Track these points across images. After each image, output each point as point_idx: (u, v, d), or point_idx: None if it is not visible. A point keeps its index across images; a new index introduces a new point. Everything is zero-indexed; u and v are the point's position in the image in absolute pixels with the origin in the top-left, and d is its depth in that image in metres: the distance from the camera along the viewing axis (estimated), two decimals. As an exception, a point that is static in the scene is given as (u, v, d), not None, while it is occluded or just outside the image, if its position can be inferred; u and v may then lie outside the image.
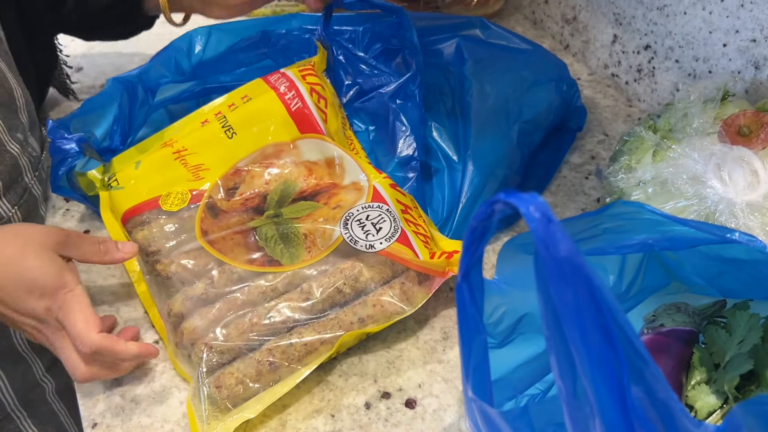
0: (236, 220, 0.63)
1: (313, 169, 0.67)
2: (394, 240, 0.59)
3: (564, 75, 0.81)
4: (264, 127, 0.69)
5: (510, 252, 0.50)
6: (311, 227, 0.61)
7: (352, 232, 0.60)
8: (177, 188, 0.65)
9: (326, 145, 0.68)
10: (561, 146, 0.84)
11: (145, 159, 0.68)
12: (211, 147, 0.68)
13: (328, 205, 0.63)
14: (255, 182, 0.66)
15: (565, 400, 0.32)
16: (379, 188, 0.64)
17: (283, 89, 0.71)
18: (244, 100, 0.71)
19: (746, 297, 0.53)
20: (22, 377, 0.66)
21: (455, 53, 0.76)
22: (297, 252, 0.60)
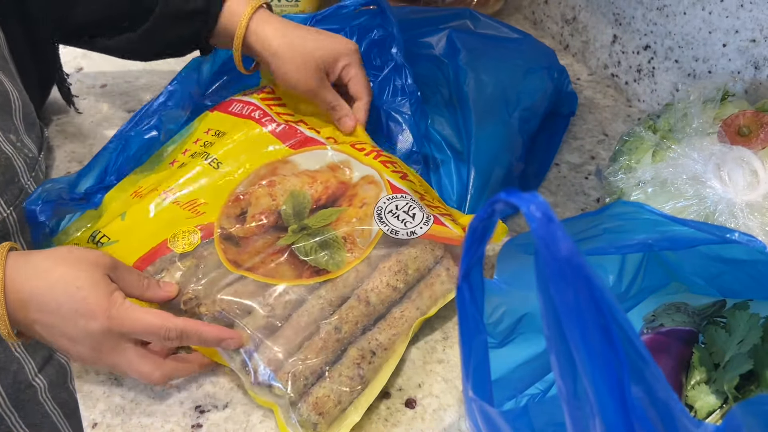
0: (262, 243, 0.60)
1: (317, 176, 0.65)
2: (431, 222, 0.60)
3: (554, 62, 0.82)
4: (251, 151, 0.67)
5: (510, 252, 0.50)
6: (348, 229, 0.60)
7: (389, 224, 0.60)
8: (181, 228, 0.61)
9: (322, 153, 0.67)
10: (556, 132, 0.85)
11: (131, 209, 0.64)
12: (199, 181, 0.65)
13: (354, 206, 0.62)
14: (261, 202, 0.63)
15: (565, 399, 0.32)
16: (392, 181, 0.64)
17: (258, 115, 0.70)
18: (217, 135, 0.69)
19: (746, 297, 0.53)
20: (14, 377, 0.66)
21: (447, 45, 0.76)
22: (340, 256, 0.59)
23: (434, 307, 0.60)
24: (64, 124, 0.88)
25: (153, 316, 0.52)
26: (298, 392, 0.53)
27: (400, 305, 0.59)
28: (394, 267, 0.59)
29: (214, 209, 0.63)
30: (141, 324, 0.51)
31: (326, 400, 0.52)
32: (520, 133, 0.75)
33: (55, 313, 0.51)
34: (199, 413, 0.55)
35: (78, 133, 0.86)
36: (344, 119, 0.71)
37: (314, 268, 0.58)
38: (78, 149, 0.83)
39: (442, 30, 0.77)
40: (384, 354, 0.56)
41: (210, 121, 0.71)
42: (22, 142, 0.68)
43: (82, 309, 0.51)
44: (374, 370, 0.55)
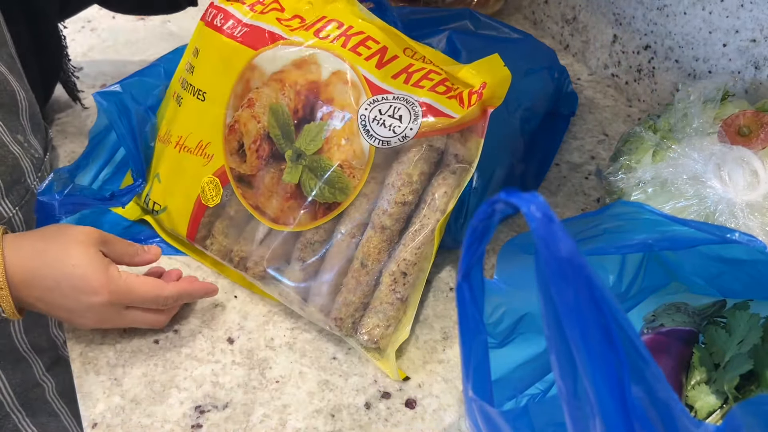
0: (270, 179, 0.62)
1: (284, 79, 0.62)
2: (420, 118, 0.56)
3: (555, 62, 0.82)
4: (222, 71, 0.65)
5: (510, 252, 0.50)
6: (341, 156, 0.58)
7: (378, 135, 0.57)
8: (203, 180, 0.65)
9: (283, 50, 0.62)
10: (556, 132, 0.85)
11: (161, 168, 0.68)
12: (196, 120, 0.66)
13: (335, 118, 0.59)
14: (250, 128, 0.63)
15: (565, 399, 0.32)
16: (368, 77, 0.59)
17: (218, 22, 0.66)
18: (195, 55, 0.68)
19: (746, 297, 0.53)
20: (22, 376, 0.66)
21: (448, 46, 0.76)
22: (344, 185, 0.59)
23: (452, 200, 0.58)
24: (65, 124, 0.88)
25: (150, 287, 0.57)
26: (349, 330, 0.58)
27: (418, 214, 0.58)
28: (396, 182, 0.57)
29: (218, 149, 0.65)
30: (140, 296, 0.56)
31: (377, 329, 0.58)
32: (520, 133, 0.75)
33: (56, 290, 0.54)
34: (199, 413, 0.55)
35: (79, 132, 0.86)
36: None
37: (324, 204, 0.60)
38: (78, 149, 0.83)
39: (442, 31, 0.77)
40: (414, 269, 0.58)
41: (194, 37, 0.69)
42: (29, 142, 0.68)
43: (82, 286, 0.54)
44: (410, 287, 0.58)
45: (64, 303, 0.54)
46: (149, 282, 0.57)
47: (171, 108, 0.69)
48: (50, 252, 0.54)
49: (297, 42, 0.63)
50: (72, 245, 0.55)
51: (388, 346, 0.58)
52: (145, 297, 0.57)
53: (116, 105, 0.69)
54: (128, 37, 1.06)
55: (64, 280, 0.53)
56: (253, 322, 0.62)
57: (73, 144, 0.84)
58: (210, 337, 0.61)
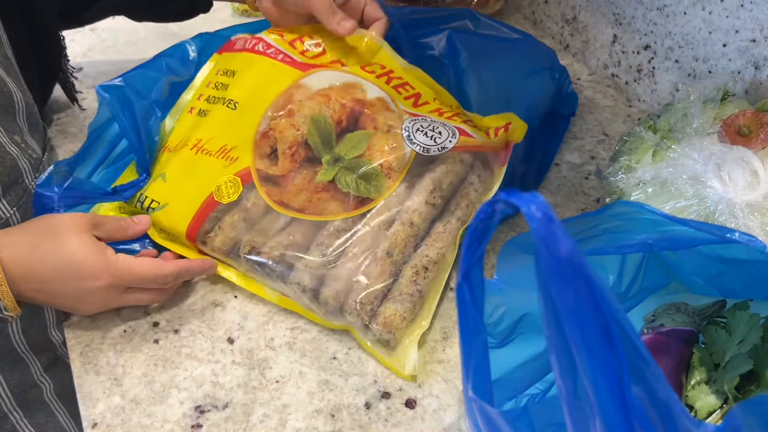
0: (301, 179, 0.63)
1: (330, 94, 0.67)
2: (458, 135, 0.64)
3: (555, 62, 0.82)
4: (264, 85, 0.69)
5: (510, 252, 0.50)
6: (382, 157, 0.63)
7: (420, 143, 0.63)
8: (221, 179, 0.64)
9: (333, 73, 0.69)
10: (556, 132, 0.85)
11: (168, 169, 0.67)
12: (222, 127, 0.68)
13: (380, 130, 0.65)
14: (287, 135, 0.65)
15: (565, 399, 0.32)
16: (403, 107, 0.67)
17: (261, 48, 0.72)
18: (229, 75, 0.71)
19: (746, 297, 0.53)
20: (20, 377, 0.66)
21: (448, 46, 0.76)
22: (380, 183, 0.62)
23: (473, 212, 0.64)
24: (65, 124, 0.88)
25: (149, 267, 0.58)
26: (368, 316, 0.58)
27: (442, 219, 0.63)
28: (428, 186, 0.62)
29: (246, 153, 0.65)
30: (140, 276, 0.57)
31: (393, 318, 0.57)
32: (521, 134, 0.75)
33: (56, 281, 0.54)
34: (199, 413, 0.55)
35: (79, 132, 0.86)
36: (343, 22, 0.71)
37: (358, 198, 0.62)
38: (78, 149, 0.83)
39: (442, 31, 0.77)
40: (435, 267, 0.60)
41: (220, 63, 0.74)
42: (26, 142, 0.68)
43: (82, 272, 0.55)
44: (430, 282, 0.60)
45: (66, 291, 0.55)
46: (147, 262, 0.58)
47: (188, 121, 0.71)
48: (45, 245, 0.54)
49: (345, 69, 0.70)
50: (65, 235, 0.55)
51: (403, 337, 0.58)
52: (144, 276, 0.57)
53: (119, 98, 0.69)
54: (128, 37, 1.06)
55: (64, 269, 0.54)
56: (253, 322, 0.62)
57: (72, 144, 0.84)
58: (210, 337, 0.61)
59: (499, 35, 0.80)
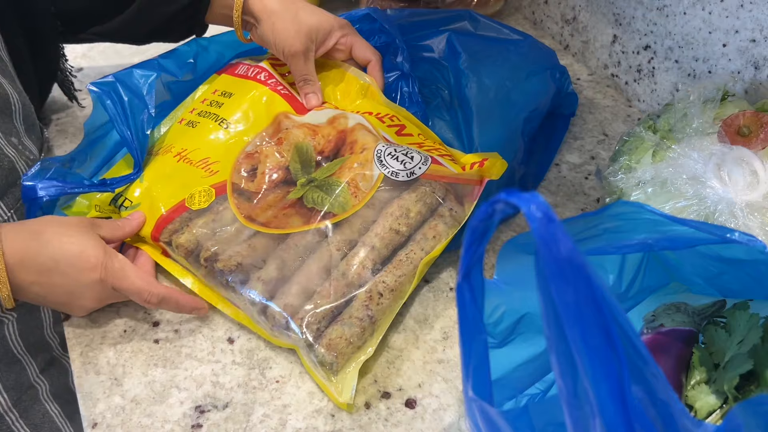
0: (273, 197, 0.64)
1: (317, 130, 0.69)
2: (429, 163, 0.63)
3: (555, 63, 0.82)
4: (258, 111, 0.71)
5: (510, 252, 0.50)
6: (351, 175, 0.63)
7: (389, 166, 0.63)
8: (197, 187, 0.65)
9: (325, 111, 0.71)
10: (556, 132, 0.85)
11: (148, 172, 0.68)
12: (209, 140, 0.69)
13: (355, 152, 0.65)
14: (270, 160, 0.67)
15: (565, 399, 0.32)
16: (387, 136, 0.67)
17: (262, 78, 0.74)
18: (225, 96, 0.73)
19: (746, 297, 0.53)
20: (16, 378, 0.66)
21: (447, 47, 0.76)
22: (345, 200, 0.62)
23: (438, 245, 0.61)
24: (65, 124, 0.88)
25: (141, 280, 0.58)
26: (313, 335, 0.56)
27: (405, 248, 0.61)
28: (396, 212, 0.61)
29: (226, 168, 0.66)
30: (128, 284, 0.57)
31: (339, 341, 0.55)
32: (522, 134, 0.75)
33: (54, 270, 0.54)
34: (199, 413, 0.55)
35: (78, 132, 0.86)
36: (311, 95, 0.73)
37: (320, 212, 0.62)
38: (78, 149, 0.83)
39: (441, 32, 0.77)
40: (391, 295, 0.58)
41: (218, 83, 0.75)
42: (23, 144, 0.68)
43: (80, 263, 0.55)
44: (382, 310, 0.58)
45: (63, 282, 0.55)
46: (142, 275, 0.58)
47: (178, 130, 0.72)
48: (47, 233, 0.55)
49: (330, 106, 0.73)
50: (68, 226, 0.57)
51: (347, 363, 0.56)
52: (132, 284, 0.57)
53: (110, 94, 0.69)
54: (128, 37, 1.06)
55: (63, 258, 0.54)
56: (253, 322, 0.62)
57: (72, 144, 0.84)
58: (210, 337, 0.61)
59: (498, 36, 0.80)
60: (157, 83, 0.73)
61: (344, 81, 0.76)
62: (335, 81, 0.76)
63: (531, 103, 0.76)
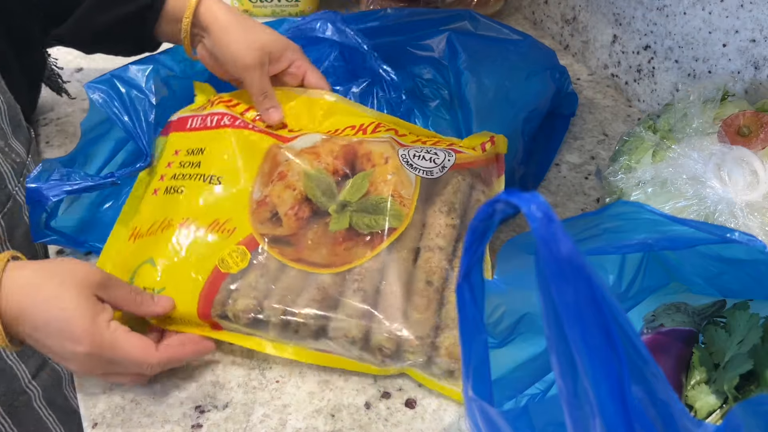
0: (314, 234, 0.60)
1: (318, 151, 0.65)
2: (453, 154, 0.64)
3: (555, 63, 0.82)
4: (244, 155, 0.65)
5: (510, 252, 0.50)
6: (389, 187, 0.61)
7: (421, 167, 0.62)
8: (224, 251, 0.59)
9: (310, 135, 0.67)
10: (556, 132, 0.86)
11: (155, 253, 0.60)
12: (208, 201, 0.62)
13: (377, 164, 0.63)
14: (285, 198, 0.62)
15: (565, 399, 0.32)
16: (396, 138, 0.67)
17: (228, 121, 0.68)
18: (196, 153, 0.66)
19: (746, 297, 0.53)
20: (8, 385, 0.65)
21: (447, 47, 0.77)
22: (397, 212, 0.60)
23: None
24: (64, 124, 0.88)
25: (136, 350, 0.52)
26: (428, 351, 0.55)
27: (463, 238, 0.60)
28: (443, 208, 0.61)
29: (242, 222, 0.61)
30: (123, 355, 0.51)
31: (455, 347, 0.55)
32: (522, 135, 0.75)
33: (43, 330, 0.50)
34: (199, 413, 0.55)
35: (77, 132, 0.86)
36: (272, 110, 0.69)
37: (382, 232, 0.59)
38: (78, 149, 0.83)
39: (441, 32, 0.77)
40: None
41: (175, 144, 0.68)
42: (9, 146, 0.66)
43: (66, 331, 0.50)
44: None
45: (49, 344, 0.51)
46: (138, 343, 0.53)
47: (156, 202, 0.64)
48: (44, 290, 0.51)
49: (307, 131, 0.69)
50: (67, 285, 0.51)
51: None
52: (126, 357, 0.52)
53: (108, 92, 0.69)
54: (128, 37, 1.06)
55: (52, 321, 0.50)
56: (253, 322, 0.62)
57: (71, 144, 0.84)
58: (210, 337, 0.61)
59: (498, 36, 0.80)
60: (154, 77, 0.71)
61: (308, 104, 0.71)
62: (298, 107, 0.71)
63: (531, 103, 0.76)
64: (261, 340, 0.57)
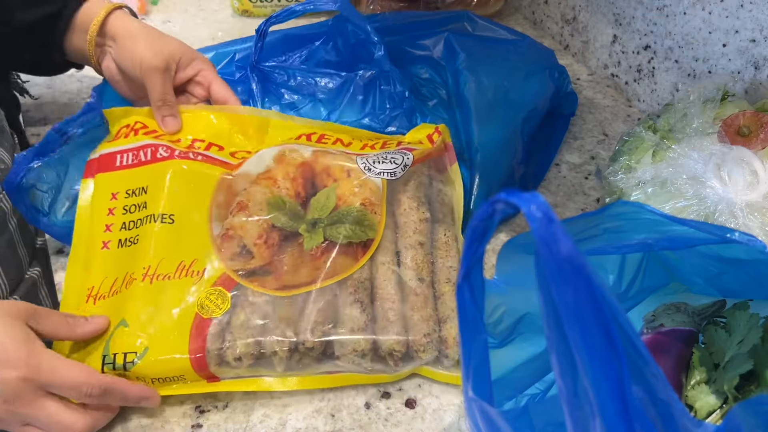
0: (290, 257, 0.58)
1: (273, 175, 0.63)
2: (410, 152, 0.65)
3: (554, 62, 0.82)
4: (193, 188, 0.62)
5: (510, 252, 0.50)
6: (357, 197, 0.62)
7: (384, 170, 0.63)
8: (199, 297, 0.56)
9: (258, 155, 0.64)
10: (556, 132, 0.86)
11: (126, 313, 0.55)
12: (167, 245, 0.59)
13: (341, 179, 0.63)
14: (250, 227, 0.60)
15: (565, 399, 0.32)
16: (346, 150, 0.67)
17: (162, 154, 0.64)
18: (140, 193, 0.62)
19: (746, 297, 0.53)
20: None
21: (445, 48, 0.77)
22: (371, 221, 0.61)
23: (456, 207, 0.66)
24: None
25: (77, 370, 0.50)
26: (436, 347, 0.56)
27: (438, 229, 0.63)
28: (412, 204, 0.63)
29: (211, 261, 0.58)
30: (62, 376, 0.49)
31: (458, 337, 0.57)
32: (521, 135, 0.75)
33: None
34: (199, 413, 0.55)
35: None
36: (169, 119, 0.66)
37: (360, 243, 0.60)
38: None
39: (439, 33, 0.77)
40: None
41: (107, 185, 0.63)
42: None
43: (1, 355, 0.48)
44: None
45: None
46: (77, 366, 0.50)
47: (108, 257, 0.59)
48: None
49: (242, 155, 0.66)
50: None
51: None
52: (68, 379, 0.49)
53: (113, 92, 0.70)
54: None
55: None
56: (253, 322, 0.62)
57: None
58: (210, 337, 0.61)
59: (496, 37, 0.80)
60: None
61: (238, 122, 0.68)
62: (227, 127, 0.68)
63: (530, 102, 0.76)
64: (263, 379, 0.55)
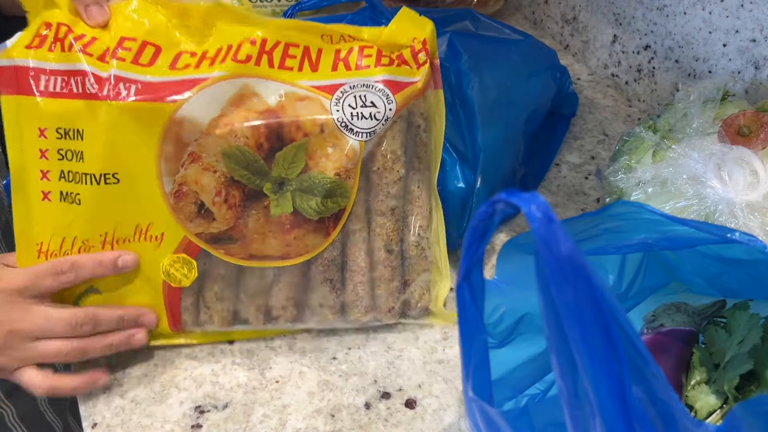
0: (254, 221, 0.55)
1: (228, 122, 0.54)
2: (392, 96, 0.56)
3: (556, 62, 0.82)
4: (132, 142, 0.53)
5: (510, 252, 0.50)
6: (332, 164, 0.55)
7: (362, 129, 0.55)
8: (163, 264, 0.54)
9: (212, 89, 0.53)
10: (557, 132, 0.86)
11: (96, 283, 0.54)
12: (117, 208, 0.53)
13: (312, 134, 0.54)
14: (205, 182, 0.54)
15: (565, 399, 0.32)
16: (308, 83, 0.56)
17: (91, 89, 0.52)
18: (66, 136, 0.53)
19: (746, 297, 0.53)
20: None
21: (448, 48, 0.76)
22: (344, 189, 0.55)
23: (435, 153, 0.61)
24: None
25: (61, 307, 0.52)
26: (400, 314, 0.60)
27: (411, 180, 0.60)
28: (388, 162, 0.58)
29: (168, 224, 0.54)
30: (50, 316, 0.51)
31: (423, 297, 0.61)
32: (523, 135, 0.75)
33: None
34: (199, 413, 0.55)
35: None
36: (94, 8, 0.54)
37: (334, 216, 0.56)
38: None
39: (443, 33, 0.77)
40: (429, 229, 0.61)
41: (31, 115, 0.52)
42: None
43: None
44: (433, 244, 0.61)
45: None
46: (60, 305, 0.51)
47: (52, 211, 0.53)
48: None
49: (217, 78, 0.53)
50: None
51: (437, 304, 0.61)
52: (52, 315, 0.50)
53: None
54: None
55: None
56: (253, 322, 0.62)
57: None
58: (210, 337, 0.61)
59: (499, 36, 0.80)
60: None
61: (177, 13, 0.55)
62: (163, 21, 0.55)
63: (532, 103, 0.76)
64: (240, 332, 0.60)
